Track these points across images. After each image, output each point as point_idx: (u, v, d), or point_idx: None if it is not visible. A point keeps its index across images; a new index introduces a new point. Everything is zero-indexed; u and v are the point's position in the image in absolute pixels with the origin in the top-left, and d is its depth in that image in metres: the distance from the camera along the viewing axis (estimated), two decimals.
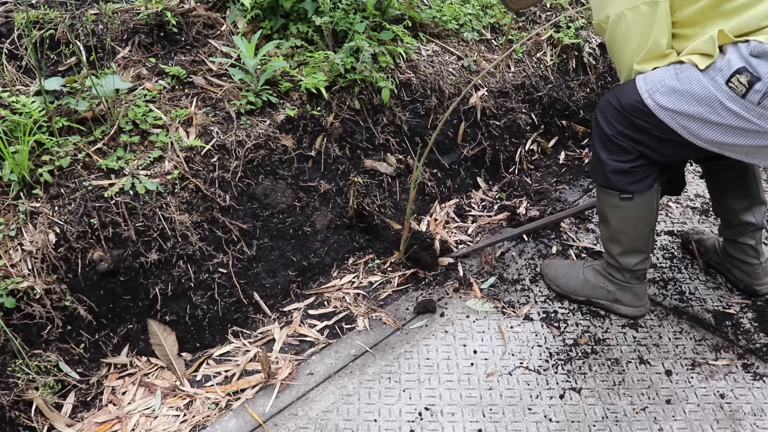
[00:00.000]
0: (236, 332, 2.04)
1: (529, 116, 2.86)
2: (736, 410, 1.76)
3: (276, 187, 2.16)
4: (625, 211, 1.90)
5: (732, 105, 1.57)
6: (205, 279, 2.00)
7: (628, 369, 1.90)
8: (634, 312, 2.06)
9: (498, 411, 1.77)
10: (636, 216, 1.90)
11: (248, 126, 2.14)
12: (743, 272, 2.14)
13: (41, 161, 1.89)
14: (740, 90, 1.55)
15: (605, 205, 1.95)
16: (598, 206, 2.00)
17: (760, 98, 1.53)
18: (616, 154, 1.84)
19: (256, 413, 1.76)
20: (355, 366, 1.91)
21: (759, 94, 1.52)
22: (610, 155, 1.85)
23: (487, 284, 2.21)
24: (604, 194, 1.94)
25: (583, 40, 3.04)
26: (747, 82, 1.53)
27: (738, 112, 1.57)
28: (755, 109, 1.55)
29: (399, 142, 2.49)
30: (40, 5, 2.30)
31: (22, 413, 1.70)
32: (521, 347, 1.97)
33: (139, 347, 1.94)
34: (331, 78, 2.27)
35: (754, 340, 2.00)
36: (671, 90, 1.66)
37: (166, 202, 1.93)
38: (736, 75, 1.54)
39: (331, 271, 2.27)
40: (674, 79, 1.66)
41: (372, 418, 1.75)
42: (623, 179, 1.85)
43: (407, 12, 2.66)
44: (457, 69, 2.68)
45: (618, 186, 1.87)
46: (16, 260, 1.76)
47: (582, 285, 2.11)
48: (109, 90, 1.97)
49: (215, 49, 2.35)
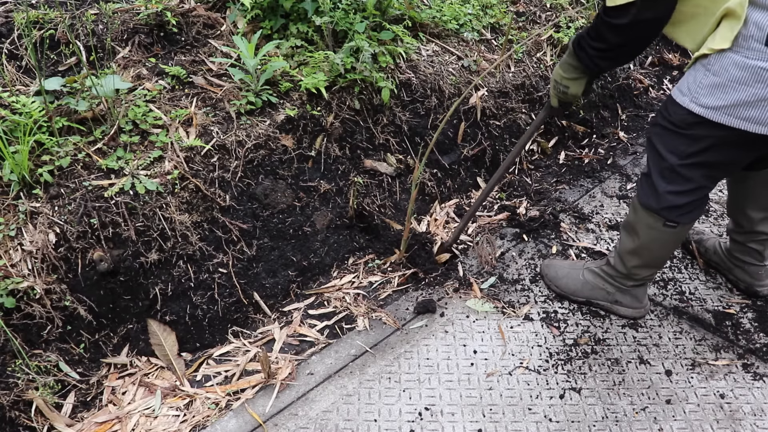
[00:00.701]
0: (236, 332, 2.04)
1: (529, 116, 2.86)
2: (736, 410, 1.76)
3: (276, 187, 2.16)
4: (663, 235, 1.83)
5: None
6: (205, 279, 2.00)
7: (628, 369, 1.90)
8: (634, 313, 2.06)
9: (498, 411, 1.77)
10: (672, 241, 1.85)
11: (248, 126, 2.14)
12: (746, 273, 2.14)
13: (41, 161, 1.89)
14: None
15: (642, 225, 1.85)
16: (632, 220, 1.90)
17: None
18: (677, 184, 1.74)
19: (256, 413, 1.76)
20: (355, 366, 1.91)
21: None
22: (669, 185, 1.75)
23: (487, 284, 2.22)
24: (647, 215, 1.83)
25: None
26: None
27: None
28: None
29: (399, 142, 2.49)
30: (40, 5, 2.30)
31: (22, 413, 1.70)
32: (521, 347, 1.97)
33: (139, 347, 1.94)
34: (331, 78, 2.27)
35: (754, 340, 2.00)
36: (712, 86, 1.55)
37: (166, 202, 1.93)
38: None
39: (331, 271, 2.27)
40: (709, 75, 1.55)
41: (372, 418, 1.75)
42: (676, 212, 1.77)
43: (407, 12, 2.66)
44: (457, 69, 2.68)
45: (668, 217, 1.79)
46: (16, 260, 1.76)
47: (582, 286, 2.11)
48: (109, 90, 1.97)
49: (215, 49, 2.35)
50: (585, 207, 2.62)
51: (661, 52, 3.69)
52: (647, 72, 3.56)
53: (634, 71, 3.44)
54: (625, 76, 3.32)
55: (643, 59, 3.61)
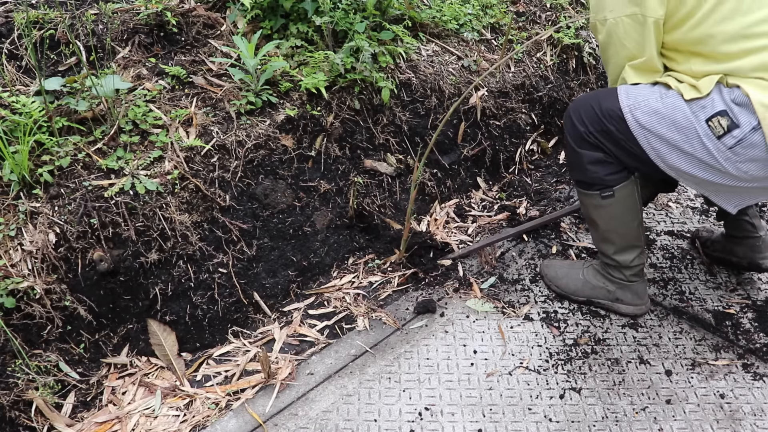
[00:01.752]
0: (236, 332, 2.04)
1: (529, 116, 2.86)
2: (736, 410, 1.76)
3: (276, 187, 2.16)
4: (609, 209, 1.93)
5: (706, 141, 1.64)
6: (205, 279, 2.00)
7: (628, 369, 1.90)
8: (635, 310, 2.06)
9: (498, 411, 1.77)
10: (621, 212, 1.93)
11: (248, 126, 2.14)
12: (745, 247, 2.17)
13: (41, 161, 1.89)
14: (718, 131, 1.63)
15: (589, 208, 1.97)
16: (584, 211, 2.02)
17: (733, 144, 1.61)
18: (588, 149, 1.88)
19: (256, 413, 1.76)
20: (355, 366, 1.91)
21: (734, 140, 1.61)
22: (583, 150, 1.89)
23: (487, 284, 2.22)
24: (586, 197, 1.96)
25: (583, 40, 3.04)
26: (726, 126, 1.61)
27: (710, 149, 1.65)
28: (725, 152, 1.63)
29: (399, 142, 2.49)
30: (40, 5, 2.30)
31: (22, 413, 1.70)
32: (521, 347, 1.97)
33: (139, 347, 1.94)
34: (331, 78, 2.27)
35: (754, 340, 2.00)
36: (653, 111, 1.71)
37: (166, 202, 1.93)
38: (718, 116, 1.62)
39: (331, 271, 2.27)
40: (658, 102, 1.70)
41: (372, 418, 1.75)
42: (601, 169, 1.88)
43: (407, 12, 2.66)
44: (457, 69, 2.68)
45: (597, 178, 1.89)
46: (16, 260, 1.76)
47: (582, 285, 2.11)
48: (109, 90, 1.97)
49: (215, 49, 2.35)
50: None
51: None
52: None
53: None
54: None
55: None
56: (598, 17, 1.77)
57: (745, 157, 1.62)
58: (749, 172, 1.65)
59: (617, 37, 1.74)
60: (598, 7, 1.77)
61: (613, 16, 1.72)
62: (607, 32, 1.75)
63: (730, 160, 1.64)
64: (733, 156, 1.63)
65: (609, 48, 1.79)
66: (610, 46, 1.79)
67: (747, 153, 1.61)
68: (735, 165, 1.64)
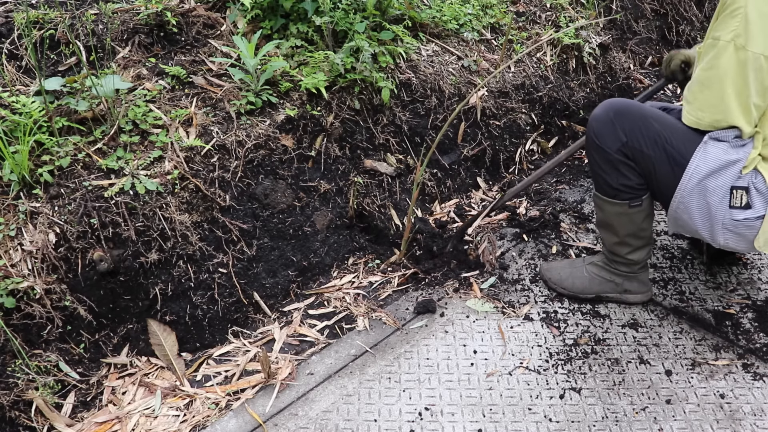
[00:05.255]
0: (236, 332, 2.04)
1: (529, 116, 2.86)
2: (736, 410, 1.76)
3: (276, 187, 2.16)
4: (633, 217, 1.93)
5: (719, 202, 1.73)
6: (205, 279, 2.00)
7: (628, 369, 1.90)
8: (642, 298, 2.11)
9: (498, 411, 1.77)
10: (643, 218, 1.94)
11: (248, 126, 2.14)
12: None
13: (41, 161, 1.89)
14: (735, 202, 1.72)
15: (611, 215, 1.95)
16: (602, 217, 2.00)
17: (741, 219, 1.72)
18: (623, 158, 1.86)
19: (256, 413, 1.76)
20: (355, 366, 1.91)
21: (742, 216, 1.72)
22: (619, 157, 1.86)
23: (487, 284, 2.22)
24: (610, 205, 1.94)
25: (583, 40, 3.04)
26: (745, 202, 1.71)
27: (716, 206, 1.74)
28: (728, 220, 1.74)
29: (399, 142, 2.49)
30: (40, 5, 2.30)
31: (22, 413, 1.70)
32: (521, 347, 1.97)
33: (139, 347, 1.94)
34: (331, 78, 2.27)
35: (754, 340, 2.00)
36: (710, 189, 1.73)
37: (166, 202, 1.93)
38: (742, 190, 1.70)
39: (331, 271, 2.27)
40: (726, 181, 1.71)
41: (372, 418, 1.75)
42: (635, 179, 1.87)
43: (407, 12, 2.66)
44: (457, 69, 2.68)
45: (628, 187, 1.88)
46: (16, 260, 1.76)
47: (589, 283, 2.11)
48: (109, 90, 1.97)
49: (215, 49, 2.35)
50: (585, 207, 2.62)
51: (661, 51, 3.69)
52: (647, 72, 3.56)
53: (634, 71, 3.44)
54: (625, 76, 3.32)
55: (643, 59, 3.61)
56: (737, 42, 1.60)
57: (736, 232, 1.75)
58: (728, 241, 1.78)
59: (751, 71, 1.60)
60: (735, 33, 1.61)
61: (755, 51, 1.59)
62: (739, 61, 1.60)
63: (725, 227, 1.74)
64: (729, 226, 1.74)
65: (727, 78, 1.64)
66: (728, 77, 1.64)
67: (739, 230, 1.74)
68: (723, 232, 1.76)
